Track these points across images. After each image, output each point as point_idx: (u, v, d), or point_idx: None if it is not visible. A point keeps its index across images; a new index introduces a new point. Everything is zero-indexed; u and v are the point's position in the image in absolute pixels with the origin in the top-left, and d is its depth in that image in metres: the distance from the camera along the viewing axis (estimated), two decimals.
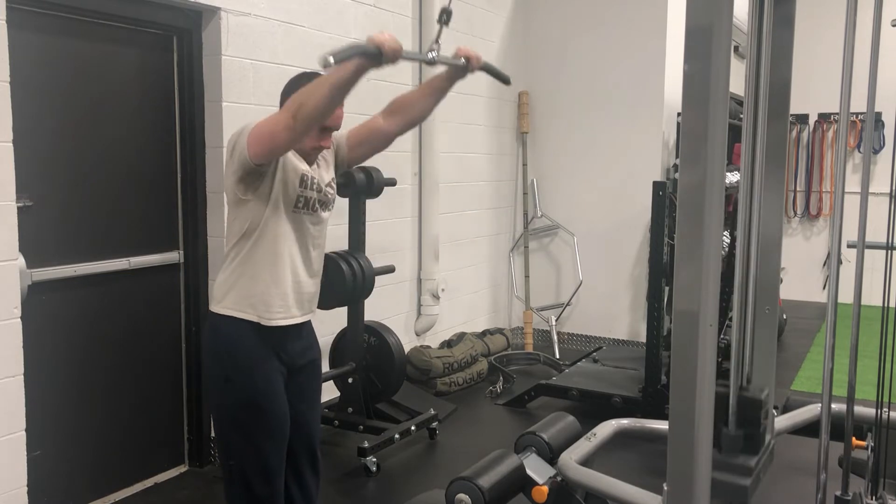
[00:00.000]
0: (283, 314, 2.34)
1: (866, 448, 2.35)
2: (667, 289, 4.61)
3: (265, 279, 2.31)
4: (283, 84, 2.41)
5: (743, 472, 1.66)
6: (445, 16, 2.22)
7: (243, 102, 3.72)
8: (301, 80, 2.36)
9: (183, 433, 3.78)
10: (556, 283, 6.33)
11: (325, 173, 2.46)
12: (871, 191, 2.14)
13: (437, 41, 2.23)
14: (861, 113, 7.21)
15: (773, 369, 2.30)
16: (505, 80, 2.61)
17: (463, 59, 2.35)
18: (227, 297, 2.32)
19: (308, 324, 2.49)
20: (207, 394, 2.43)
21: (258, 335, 2.32)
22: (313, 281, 2.44)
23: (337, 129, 2.39)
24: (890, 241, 2.04)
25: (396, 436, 3.90)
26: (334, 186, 2.50)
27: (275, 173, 2.27)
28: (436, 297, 5.23)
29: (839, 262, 2.03)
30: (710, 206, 1.50)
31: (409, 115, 2.54)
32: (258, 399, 2.32)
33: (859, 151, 7.92)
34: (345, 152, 2.53)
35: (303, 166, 2.34)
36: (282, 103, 2.36)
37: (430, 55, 2.21)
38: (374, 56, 1.99)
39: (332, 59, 1.88)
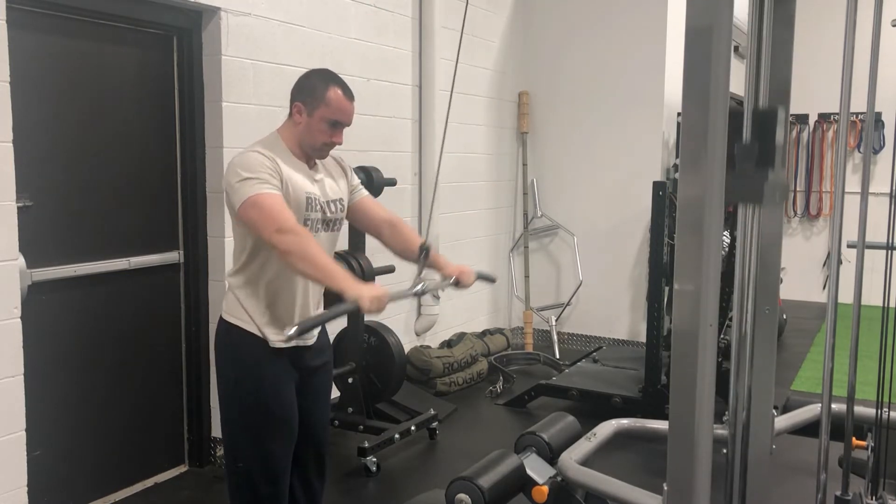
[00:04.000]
0: (287, 339, 2.34)
1: (866, 448, 2.35)
2: (667, 289, 4.61)
3: (269, 304, 2.31)
4: (283, 84, 2.41)
5: (759, 177, 1.63)
6: (425, 252, 2.37)
7: (243, 102, 3.71)
8: (310, 79, 2.36)
9: (183, 433, 3.78)
10: (556, 283, 6.33)
11: (332, 186, 2.44)
12: (871, 191, 2.14)
13: (419, 275, 2.35)
14: (861, 113, 7.20)
15: (773, 369, 2.29)
16: (493, 280, 2.83)
17: (454, 279, 2.46)
18: (236, 311, 2.33)
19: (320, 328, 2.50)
20: (218, 394, 2.43)
21: (268, 345, 2.32)
22: (320, 301, 2.44)
23: (348, 125, 2.39)
24: (890, 241, 2.04)
25: (396, 436, 3.90)
26: (343, 206, 2.48)
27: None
28: (436, 297, 5.23)
29: (839, 262, 2.03)
30: (710, 207, 1.50)
31: (396, 248, 2.58)
32: (267, 401, 2.32)
33: (859, 151, 7.92)
34: (352, 202, 2.55)
35: (308, 187, 2.33)
36: (291, 102, 2.36)
37: (417, 288, 2.31)
38: (353, 312, 2.13)
39: (291, 332, 1.98)
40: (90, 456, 3.35)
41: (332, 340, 4.22)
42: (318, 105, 2.30)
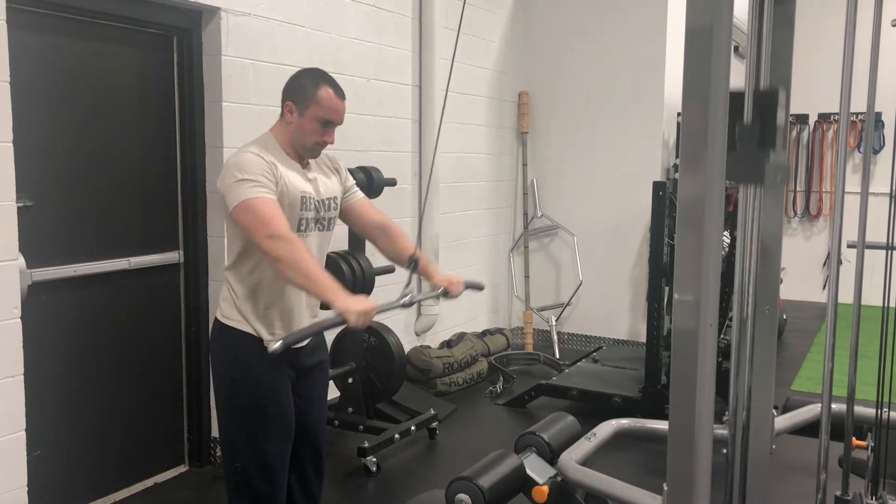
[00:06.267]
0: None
1: (866, 448, 2.35)
2: (667, 289, 4.61)
3: (266, 303, 2.31)
4: (283, 84, 2.41)
5: (760, 156, 1.64)
6: (413, 264, 2.42)
7: (243, 102, 3.72)
8: (301, 79, 2.36)
9: (183, 433, 3.78)
10: (556, 283, 6.33)
11: (325, 184, 2.44)
12: (871, 191, 2.14)
13: (407, 285, 2.39)
14: (861, 113, 7.20)
15: (773, 369, 2.30)
16: (480, 288, 2.82)
17: (441, 289, 2.49)
18: (232, 312, 2.33)
19: None
20: (214, 394, 2.43)
21: (262, 343, 2.32)
22: (315, 302, 2.44)
23: (339, 124, 2.39)
24: (890, 241, 2.04)
25: (396, 436, 3.90)
26: (336, 204, 2.48)
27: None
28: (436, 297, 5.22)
29: (839, 262, 2.02)
30: (710, 207, 1.50)
31: (388, 253, 2.60)
32: (263, 400, 2.32)
33: (859, 151, 7.91)
34: (346, 203, 2.55)
35: (303, 185, 2.33)
36: (283, 102, 2.36)
37: (405, 300, 2.35)
38: (339, 326, 2.15)
39: (273, 346, 1.99)
40: (90, 456, 3.35)
41: (331, 340, 4.25)
42: (310, 104, 2.31)
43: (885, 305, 2.17)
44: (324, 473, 2.59)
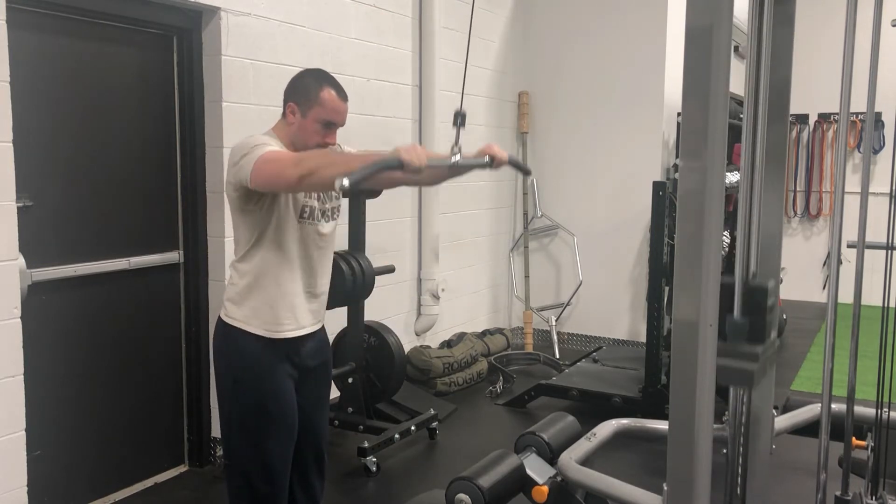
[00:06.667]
0: (293, 326, 2.35)
1: (866, 448, 2.35)
2: (667, 289, 4.61)
3: (274, 292, 2.31)
4: (283, 84, 2.41)
5: (749, 358, 1.63)
6: (461, 119, 2.25)
7: (243, 102, 3.72)
8: (303, 79, 2.36)
9: (183, 433, 3.78)
10: (556, 283, 6.33)
11: None
12: (871, 191, 2.14)
13: (457, 144, 2.24)
14: (861, 113, 7.21)
15: (773, 369, 2.30)
16: (527, 171, 2.71)
17: (487, 158, 2.35)
18: (237, 310, 2.32)
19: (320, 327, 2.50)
20: (217, 394, 2.43)
21: (268, 344, 2.32)
22: (322, 290, 2.44)
23: (342, 125, 2.38)
24: (890, 241, 2.04)
25: (396, 436, 3.90)
26: (340, 196, 2.49)
27: None
28: (436, 297, 5.23)
29: (839, 262, 2.03)
30: (710, 206, 1.50)
31: (426, 178, 2.50)
32: (265, 401, 2.32)
33: (859, 151, 7.91)
34: None
35: None
36: (285, 102, 2.36)
37: (453, 159, 2.23)
38: (395, 168, 2.02)
39: (346, 182, 1.88)
40: (90, 456, 3.35)
41: (331, 340, 4.24)
42: (312, 105, 2.30)
43: (885, 305, 2.17)
44: (325, 474, 2.59)
